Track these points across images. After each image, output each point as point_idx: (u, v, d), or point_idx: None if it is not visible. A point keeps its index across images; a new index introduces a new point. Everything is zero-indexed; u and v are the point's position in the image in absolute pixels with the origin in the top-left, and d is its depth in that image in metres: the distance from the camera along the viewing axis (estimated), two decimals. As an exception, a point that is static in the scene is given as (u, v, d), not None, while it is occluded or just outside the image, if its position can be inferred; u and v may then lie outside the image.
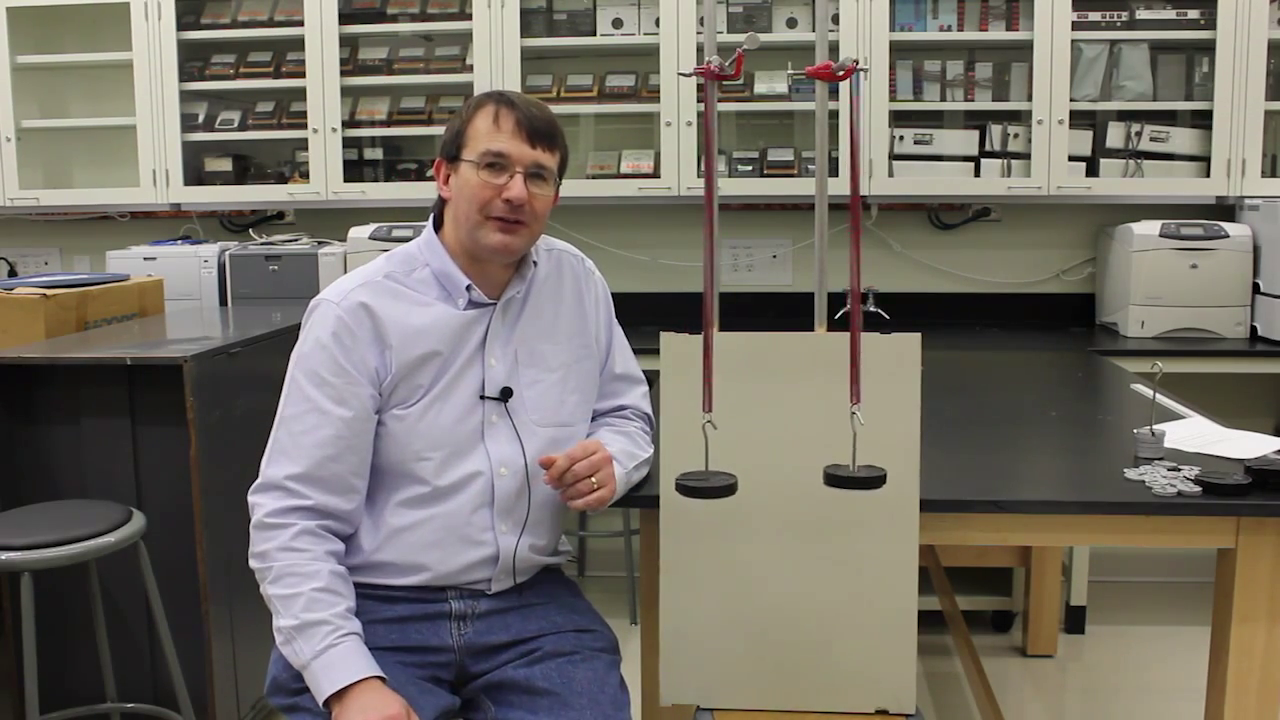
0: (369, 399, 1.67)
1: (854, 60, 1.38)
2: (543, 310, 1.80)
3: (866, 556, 1.61)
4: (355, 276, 1.74)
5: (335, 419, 1.64)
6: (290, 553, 1.61)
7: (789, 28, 3.55)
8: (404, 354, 1.68)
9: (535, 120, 1.69)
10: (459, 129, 1.71)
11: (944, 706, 2.97)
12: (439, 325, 1.71)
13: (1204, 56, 3.46)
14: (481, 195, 1.67)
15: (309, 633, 1.57)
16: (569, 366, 1.80)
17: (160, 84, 3.68)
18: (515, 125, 1.68)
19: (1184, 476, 1.72)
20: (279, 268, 3.55)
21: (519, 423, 1.73)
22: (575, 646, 1.73)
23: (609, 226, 3.85)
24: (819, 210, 1.60)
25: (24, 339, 2.76)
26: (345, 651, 1.57)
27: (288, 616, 1.59)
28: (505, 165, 1.67)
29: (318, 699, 1.56)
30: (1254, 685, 1.73)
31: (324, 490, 1.64)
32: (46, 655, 2.44)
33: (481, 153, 1.67)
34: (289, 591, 1.59)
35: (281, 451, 1.66)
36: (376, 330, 1.68)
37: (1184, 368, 3.11)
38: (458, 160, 1.70)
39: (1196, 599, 3.57)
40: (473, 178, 1.68)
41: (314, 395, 1.65)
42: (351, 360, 1.66)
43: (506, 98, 1.71)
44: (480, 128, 1.69)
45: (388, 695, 1.55)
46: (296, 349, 1.70)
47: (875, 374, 1.52)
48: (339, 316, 1.67)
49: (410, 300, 1.72)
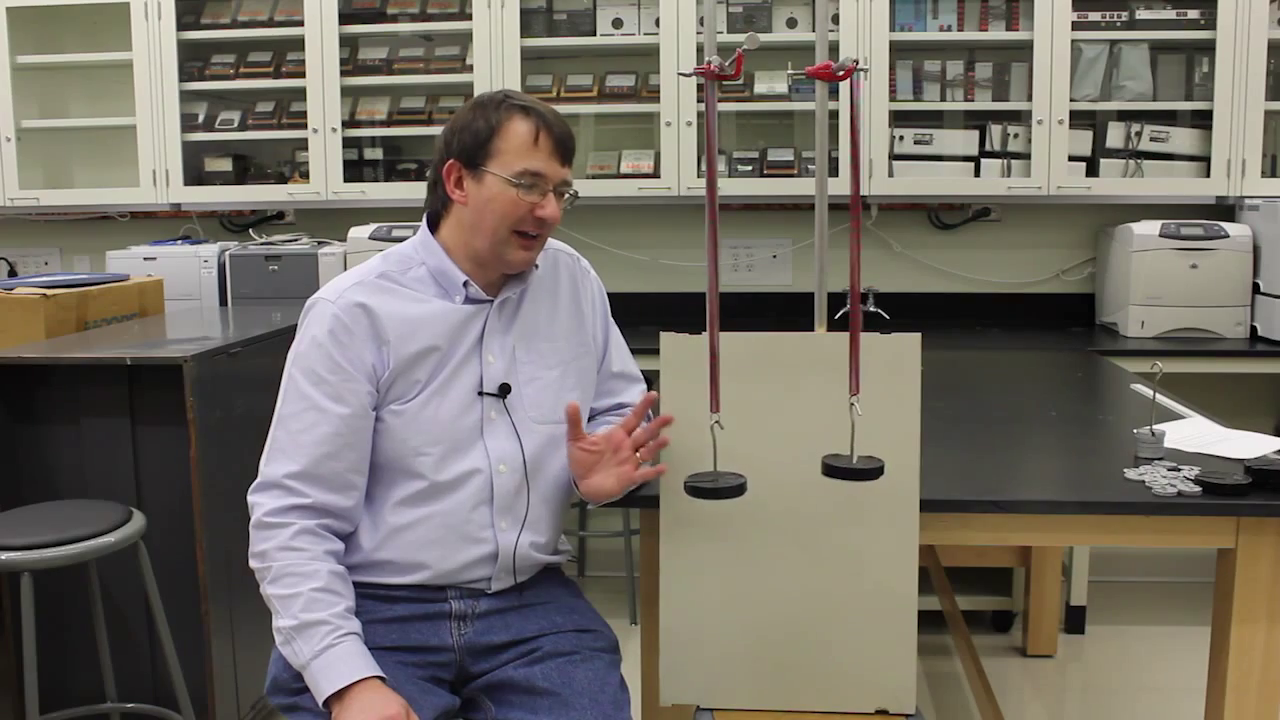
0: (366, 396, 1.67)
1: (854, 60, 1.38)
2: (540, 308, 1.80)
3: (866, 556, 1.61)
4: (351, 275, 1.74)
5: (333, 416, 1.64)
6: (289, 552, 1.61)
7: (789, 28, 3.55)
8: (401, 349, 1.68)
9: (567, 139, 1.70)
10: (486, 138, 1.66)
11: (944, 706, 2.97)
12: (436, 320, 1.71)
13: (1204, 56, 3.46)
14: (515, 213, 1.66)
15: (308, 633, 1.57)
16: (567, 364, 1.80)
17: (160, 84, 3.69)
18: (554, 145, 1.67)
19: (1184, 476, 1.72)
20: (279, 268, 3.55)
21: (517, 420, 1.73)
22: (576, 646, 1.73)
23: (609, 226, 3.85)
24: (819, 210, 1.60)
25: (24, 339, 2.76)
26: (344, 652, 1.57)
27: (287, 617, 1.59)
28: (540, 185, 1.67)
29: (317, 699, 1.56)
30: (1254, 685, 1.73)
31: (323, 488, 1.64)
32: (46, 655, 2.45)
33: (519, 171, 1.65)
34: (288, 591, 1.59)
35: (280, 450, 1.66)
36: (373, 327, 1.68)
37: (1184, 368, 3.12)
38: (481, 170, 1.67)
39: (1196, 599, 3.57)
40: (505, 193, 1.66)
41: (311, 393, 1.65)
42: (348, 357, 1.66)
43: (540, 113, 1.68)
44: (515, 143, 1.65)
45: (387, 695, 1.55)
46: (293, 348, 1.70)
47: (875, 374, 1.52)
48: (335, 315, 1.67)
49: (406, 297, 1.71)
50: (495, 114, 1.67)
